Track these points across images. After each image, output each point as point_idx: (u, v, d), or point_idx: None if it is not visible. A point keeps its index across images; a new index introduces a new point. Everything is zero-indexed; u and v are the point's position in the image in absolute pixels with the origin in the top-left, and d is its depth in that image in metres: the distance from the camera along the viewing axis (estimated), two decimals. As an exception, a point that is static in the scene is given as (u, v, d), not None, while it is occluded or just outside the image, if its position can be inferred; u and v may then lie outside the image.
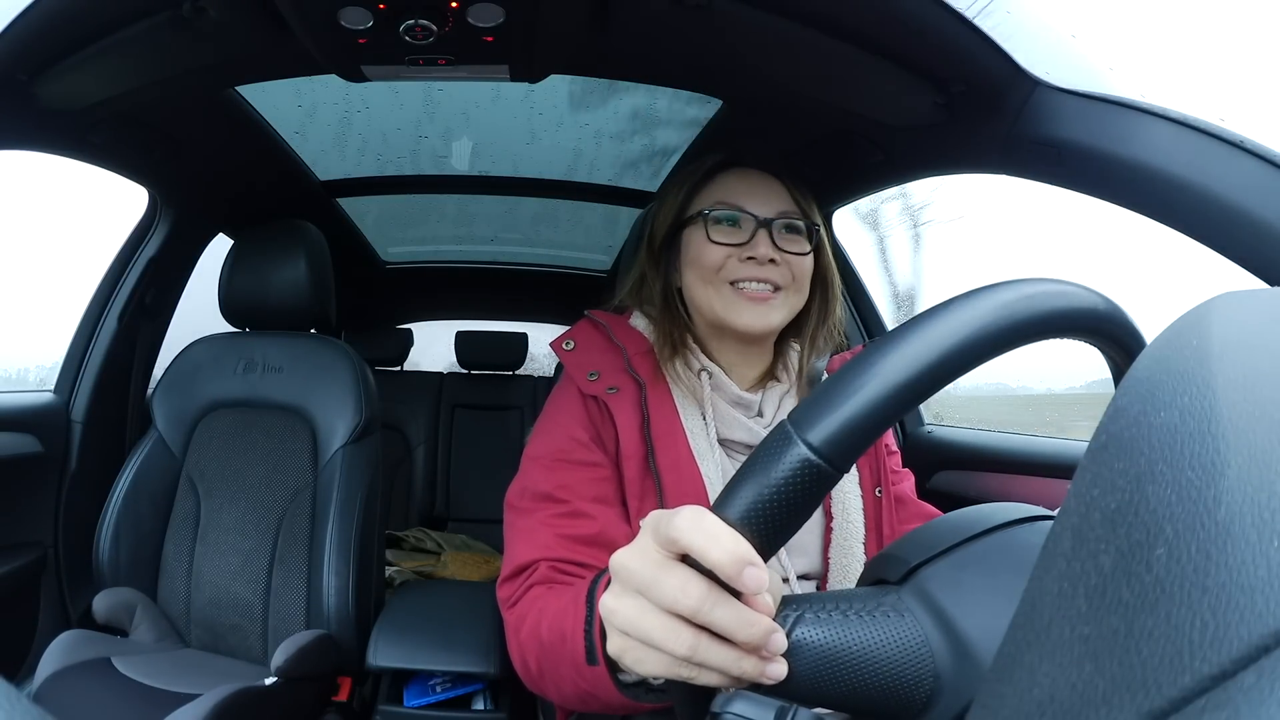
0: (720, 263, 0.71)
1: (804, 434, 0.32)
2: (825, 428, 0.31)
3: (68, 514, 1.24)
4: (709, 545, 0.30)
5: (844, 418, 0.31)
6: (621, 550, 0.35)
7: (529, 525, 0.66)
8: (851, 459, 0.32)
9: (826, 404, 0.32)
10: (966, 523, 0.36)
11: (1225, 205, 0.60)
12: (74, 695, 0.93)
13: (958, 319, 0.33)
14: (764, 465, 0.32)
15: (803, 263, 0.73)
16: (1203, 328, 0.22)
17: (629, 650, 0.34)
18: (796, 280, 0.73)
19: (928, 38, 0.72)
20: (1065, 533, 0.21)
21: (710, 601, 0.31)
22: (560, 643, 0.52)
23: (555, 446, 0.70)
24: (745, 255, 0.71)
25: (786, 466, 0.31)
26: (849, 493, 0.73)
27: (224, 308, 1.28)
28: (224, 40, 0.80)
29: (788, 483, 0.31)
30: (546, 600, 0.59)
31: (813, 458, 0.31)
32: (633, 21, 0.79)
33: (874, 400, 0.31)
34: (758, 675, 0.32)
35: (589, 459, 0.69)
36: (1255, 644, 0.14)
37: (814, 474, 0.31)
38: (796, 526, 0.33)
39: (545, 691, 0.60)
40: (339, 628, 1.09)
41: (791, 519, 0.32)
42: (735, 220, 0.72)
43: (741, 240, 0.71)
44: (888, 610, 0.34)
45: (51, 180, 1.90)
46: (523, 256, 2.17)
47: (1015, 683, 0.20)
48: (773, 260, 0.71)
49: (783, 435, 0.32)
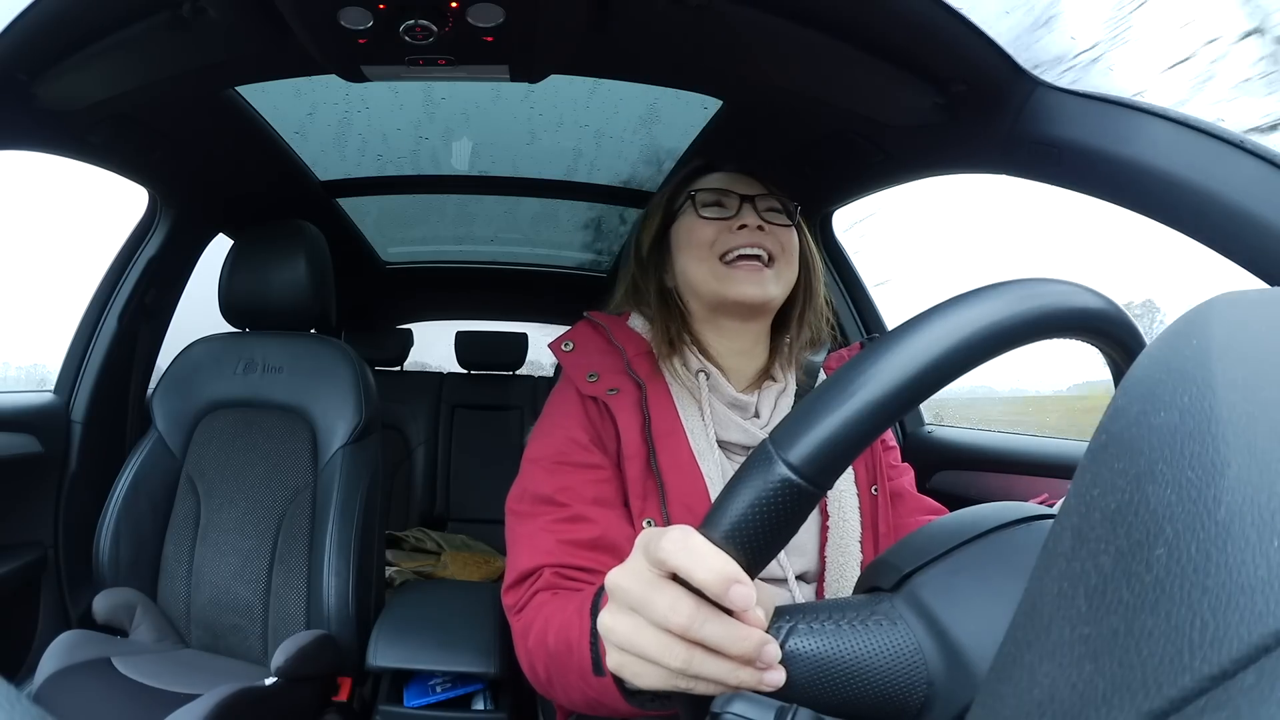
0: (713, 237, 0.74)
1: (784, 453, 0.32)
2: (805, 446, 0.31)
3: (68, 514, 1.24)
4: (695, 565, 0.31)
5: (822, 436, 0.31)
6: (615, 569, 0.36)
7: (530, 530, 0.66)
8: (833, 477, 0.32)
9: (806, 422, 0.32)
10: (959, 527, 0.36)
11: (1225, 205, 0.60)
12: (74, 695, 0.93)
13: (953, 322, 0.33)
14: (746, 483, 0.32)
15: (789, 234, 0.76)
16: (1203, 328, 0.22)
17: (627, 665, 0.35)
18: (786, 251, 0.75)
19: (928, 38, 0.72)
20: (1065, 533, 0.21)
21: (700, 619, 0.32)
22: (567, 653, 0.53)
23: (555, 449, 0.70)
24: (736, 225, 0.73)
25: (768, 485, 0.32)
26: (845, 491, 0.73)
27: (224, 308, 1.28)
28: (224, 40, 0.80)
29: (769, 501, 0.31)
30: (552, 608, 0.59)
31: (793, 477, 0.31)
32: (632, 21, 0.79)
33: (856, 416, 0.31)
34: (755, 684, 0.32)
35: (589, 461, 0.69)
36: (1255, 644, 0.14)
37: (794, 493, 0.31)
38: (783, 542, 0.33)
39: (554, 697, 0.60)
40: (339, 628, 1.09)
41: (776, 536, 0.32)
42: (721, 200, 0.76)
43: (729, 215, 0.74)
44: (880, 619, 0.34)
45: (52, 180, 1.90)
46: (523, 256, 2.17)
47: (1015, 683, 0.20)
48: (761, 228, 0.73)
49: (764, 454, 0.32)
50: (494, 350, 2.34)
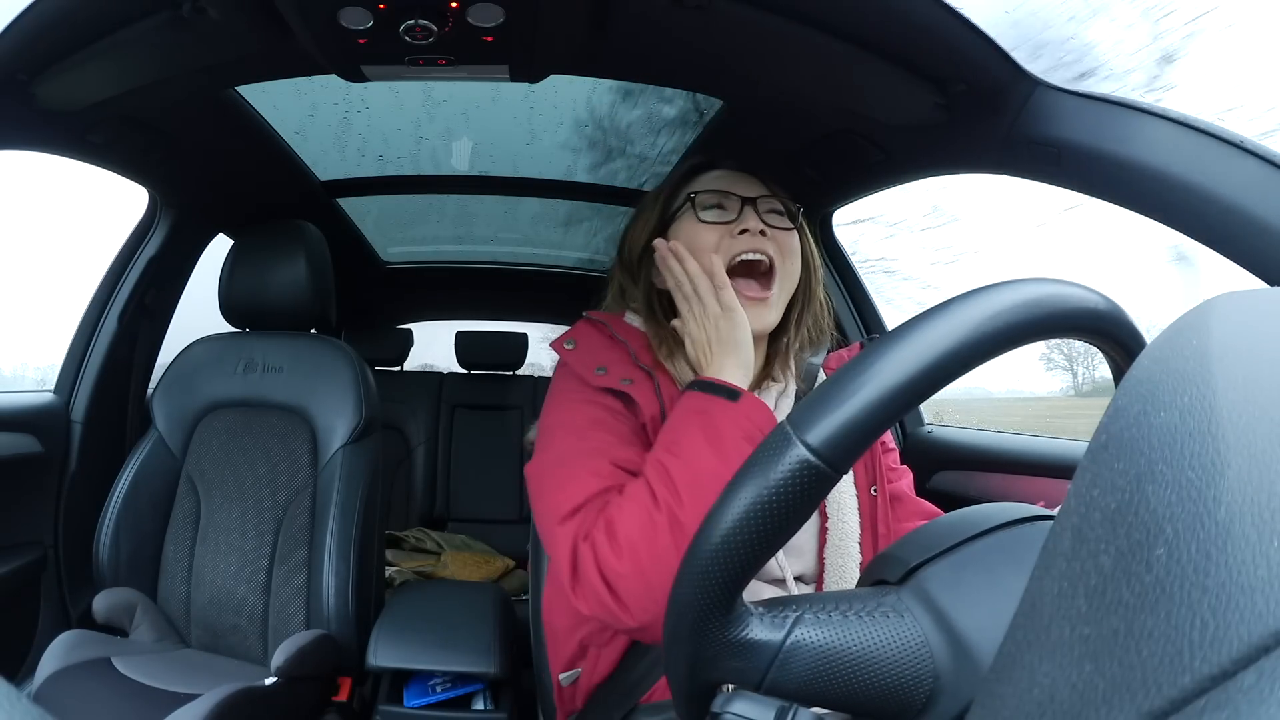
0: (715, 242, 0.73)
1: (803, 435, 0.31)
2: (824, 429, 0.31)
3: (68, 514, 1.24)
4: None
5: (843, 419, 0.31)
6: None
7: (570, 473, 0.64)
8: (851, 460, 0.32)
9: (825, 405, 0.32)
10: (966, 523, 0.36)
11: (1225, 205, 0.60)
12: (74, 695, 0.93)
13: (958, 319, 0.33)
14: (763, 466, 0.32)
15: (790, 237, 0.75)
16: (1203, 328, 0.22)
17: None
18: (787, 256, 0.74)
19: (928, 38, 0.72)
20: (1065, 533, 0.21)
21: None
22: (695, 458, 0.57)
23: (577, 414, 0.69)
24: (738, 230, 0.72)
25: (785, 467, 0.31)
26: (844, 492, 0.73)
27: (224, 308, 1.28)
28: (224, 40, 0.80)
29: (787, 484, 0.31)
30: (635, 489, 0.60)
31: (812, 459, 0.31)
32: (633, 21, 0.79)
33: (873, 401, 0.31)
34: None
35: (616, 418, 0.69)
36: (1255, 644, 0.14)
37: (813, 475, 0.31)
38: (797, 526, 0.33)
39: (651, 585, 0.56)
40: (339, 628, 1.09)
41: (791, 519, 0.32)
42: (721, 203, 0.75)
43: (730, 218, 0.73)
44: (887, 611, 0.34)
45: (52, 181, 1.90)
46: (523, 256, 2.17)
47: (1015, 683, 0.20)
48: (763, 233, 0.73)
49: (782, 436, 0.32)
50: (494, 350, 2.34)
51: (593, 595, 0.59)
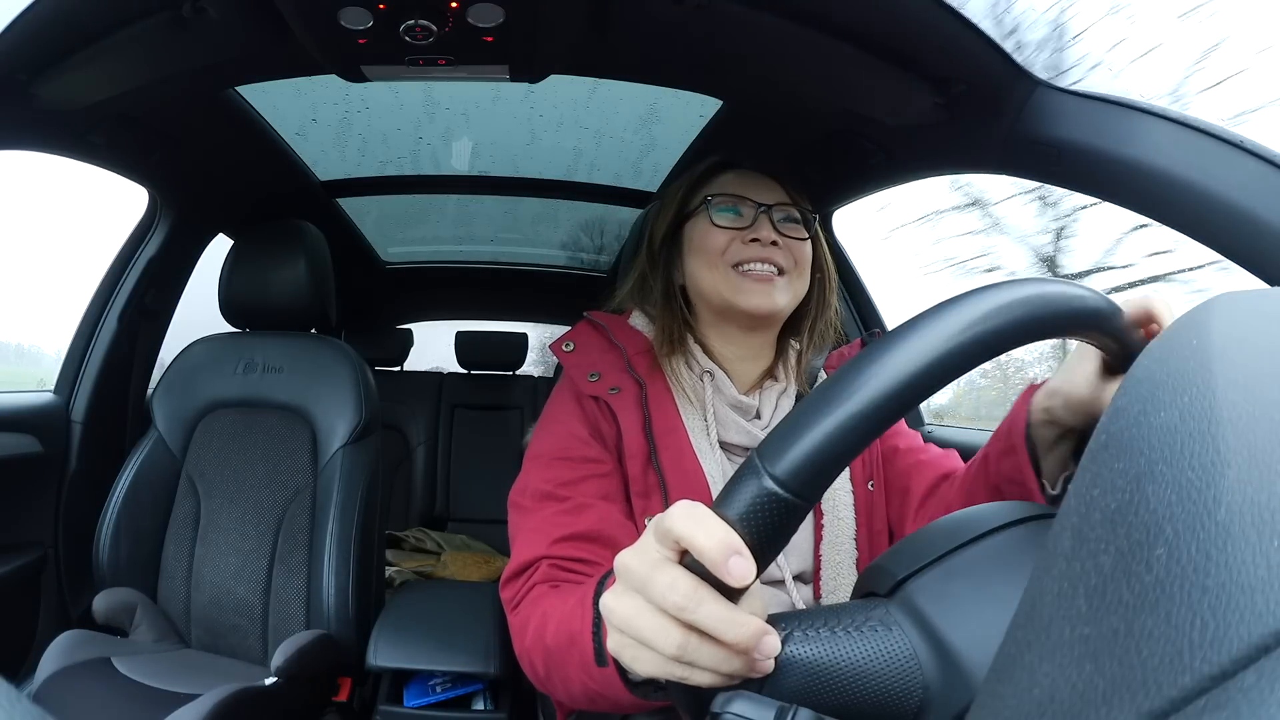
0: (725, 245, 0.73)
1: (770, 466, 0.31)
2: (790, 460, 0.31)
3: (68, 514, 1.24)
4: (697, 531, 0.31)
5: (807, 449, 0.31)
6: (625, 550, 0.36)
7: (531, 524, 0.66)
8: (820, 490, 0.32)
9: (792, 435, 0.32)
10: (954, 530, 0.36)
11: (1225, 205, 0.60)
12: (74, 695, 0.93)
13: (954, 321, 0.32)
14: (733, 496, 0.32)
15: (803, 248, 0.75)
16: (1203, 328, 0.22)
17: (625, 648, 0.35)
18: (798, 265, 0.74)
19: (928, 38, 0.72)
20: (1065, 533, 0.21)
21: (697, 599, 0.31)
22: (569, 645, 0.53)
23: (556, 445, 0.70)
24: (749, 238, 0.72)
25: (753, 499, 0.31)
26: (840, 489, 0.74)
27: (224, 308, 1.28)
28: (224, 40, 0.80)
29: (755, 515, 0.31)
30: (551, 601, 0.59)
31: (779, 491, 0.31)
32: (633, 21, 0.79)
33: (839, 428, 0.31)
34: (747, 672, 0.32)
35: (590, 455, 0.70)
36: (1255, 644, 0.14)
37: (781, 506, 0.31)
38: (774, 554, 0.33)
39: (553, 692, 0.60)
40: (339, 628, 1.09)
41: (767, 548, 0.32)
42: (737, 207, 0.74)
43: (744, 224, 0.73)
44: (875, 624, 0.34)
45: (52, 181, 1.90)
46: (523, 256, 2.17)
47: (1015, 683, 0.20)
48: (775, 243, 0.72)
49: (750, 468, 0.32)
50: (494, 350, 2.34)
51: (526, 664, 0.62)
